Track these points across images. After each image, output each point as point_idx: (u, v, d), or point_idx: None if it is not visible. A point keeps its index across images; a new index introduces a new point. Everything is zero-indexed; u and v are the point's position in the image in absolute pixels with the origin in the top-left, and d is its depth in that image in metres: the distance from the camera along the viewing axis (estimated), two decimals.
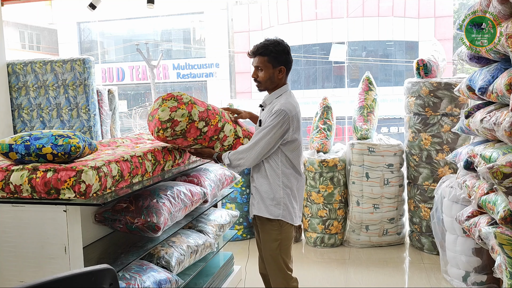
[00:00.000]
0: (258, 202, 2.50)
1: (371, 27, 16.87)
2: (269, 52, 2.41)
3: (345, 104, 7.99)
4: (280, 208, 2.45)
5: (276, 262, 2.49)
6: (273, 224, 2.47)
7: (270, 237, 2.49)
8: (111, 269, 1.13)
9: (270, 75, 2.44)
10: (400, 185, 4.29)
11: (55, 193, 1.95)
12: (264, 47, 2.42)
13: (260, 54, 2.42)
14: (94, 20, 17.28)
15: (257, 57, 2.44)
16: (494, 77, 2.68)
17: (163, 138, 2.47)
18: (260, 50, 2.42)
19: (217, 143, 2.64)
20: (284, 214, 2.46)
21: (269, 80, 2.45)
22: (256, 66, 2.45)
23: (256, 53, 2.44)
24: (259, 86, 2.50)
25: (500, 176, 2.16)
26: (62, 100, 4.54)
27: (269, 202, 2.46)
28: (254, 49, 2.45)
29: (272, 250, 2.48)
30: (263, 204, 2.48)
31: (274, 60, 2.42)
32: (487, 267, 3.21)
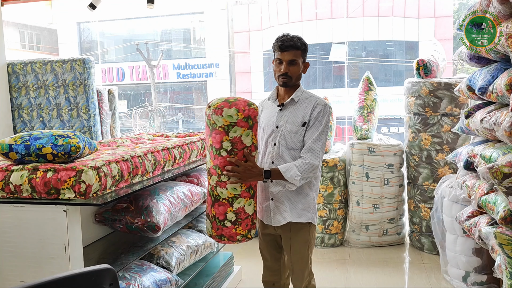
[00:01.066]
0: (290, 209, 2.33)
1: (371, 27, 16.86)
2: (304, 46, 2.33)
3: (345, 104, 8.00)
4: (310, 211, 2.35)
5: (306, 265, 2.41)
6: (304, 228, 2.36)
7: (303, 241, 2.38)
8: (111, 269, 1.13)
9: (300, 70, 2.34)
10: (400, 185, 4.29)
11: (55, 193, 1.95)
12: (299, 40, 2.31)
13: (297, 48, 2.30)
14: (94, 20, 17.28)
15: (293, 50, 2.29)
16: (494, 77, 2.68)
17: (257, 113, 2.21)
18: (298, 44, 2.30)
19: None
20: (313, 216, 2.37)
21: (299, 75, 2.35)
22: (290, 60, 2.29)
23: (294, 46, 2.29)
24: (288, 81, 2.31)
25: (500, 176, 2.16)
26: (62, 100, 4.54)
27: (300, 206, 2.33)
28: (291, 42, 2.29)
29: (303, 253, 2.39)
30: (295, 209, 2.33)
31: (305, 55, 2.35)
32: (487, 267, 3.21)
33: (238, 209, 2.20)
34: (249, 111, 2.15)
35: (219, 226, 2.22)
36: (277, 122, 2.34)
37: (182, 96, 19.45)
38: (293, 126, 2.31)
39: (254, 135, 2.22)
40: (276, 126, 2.34)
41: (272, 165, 2.32)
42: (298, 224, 2.35)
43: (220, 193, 2.20)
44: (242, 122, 2.13)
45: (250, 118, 2.16)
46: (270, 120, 2.37)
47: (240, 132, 2.14)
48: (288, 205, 2.33)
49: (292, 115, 2.33)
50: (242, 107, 2.14)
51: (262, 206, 2.41)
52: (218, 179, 2.19)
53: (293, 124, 2.31)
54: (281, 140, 2.32)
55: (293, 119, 2.32)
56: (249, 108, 2.16)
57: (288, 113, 2.34)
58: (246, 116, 2.14)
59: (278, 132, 2.33)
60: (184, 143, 2.79)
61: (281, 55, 2.29)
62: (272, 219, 2.37)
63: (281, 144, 2.32)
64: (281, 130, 2.32)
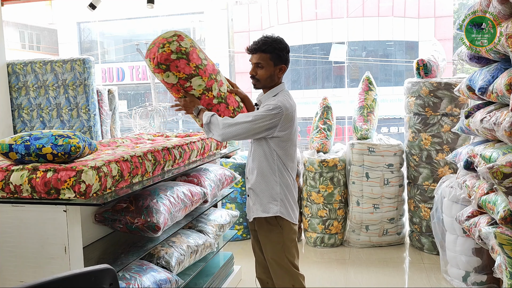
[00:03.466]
0: (255, 203, 2.41)
1: (371, 27, 16.87)
2: (272, 50, 2.32)
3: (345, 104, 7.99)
4: (277, 205, 2.36)
5: (280, 265, 2.39)
6: (271, 224, 2.37)
7: (271, 239, 2.39)
8: (111, 269, 1.13)
9: (270, 73, 2.35)
10: (400, 185, 4.29)
11: (55, 193, 1.95)
12: (267, 43, 2.32)
13: (262, 51, 2.31)
14: (94, 20, 17.28)
15: (258, 53, 2.33)
16: (494, 77, 2.68)
17: (166, 55, 2.23)
18: (263, 47, 2.31)
19: (215, 84, 2.42)
20: (281, 210, 2.36)
21: (269, 78, 2.36)
22: (256, 63, 2.34)
23: (258, 49, 2.32)
24: (256, 84, 2.40)
25: (500, 176, 2.16)
26: (62, 100, 4.54)
27: (265, 200, 2.37)
28: (255, 45, 2.34)
29: (275, 253, 2.38)
30: (260, 203, 2.39)
31: (276, 58, 2.33)
32: (487, 267, 3.21)
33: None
34: (158, 58, 2.23)
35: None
36: None
37: None
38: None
39: (184, 72, 2.27)
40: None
41: (248, 162, 2.50)
42: (263, 220, 2.40)
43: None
44: (157, 70, 2.27)
45: (161, 64, 2.24)
46: None
47: (161, 77, 2.28)
48: (253, 200, 2.43)
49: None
50: (152, 55, 2.26)
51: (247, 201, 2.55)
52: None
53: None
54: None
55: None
56: (157, 55, 2.23)
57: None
58: (156, 64, 2.25)
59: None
60: (184, 143, 2.79)
61: (250, 58, 2.39)
62: (248, 214, 2.52)
63: (254, 143, 2.44)
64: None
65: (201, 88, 2.36)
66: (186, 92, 2.35)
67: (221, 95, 2.45)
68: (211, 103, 2.42)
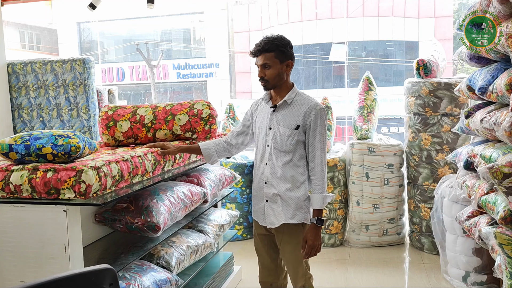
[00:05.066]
0: (283, 209, 2.33)
1: (371, 27, 16.88)
2: (275, 47, 2.27)
3: (345, 104, 8.00)
4: (305, 211, 2.34)
5: (301, 265, 2.40)
6: (298, 229, 2.35)
7: (293, 242, 2.36)
8: (111, 269, 1.13)
9: (278, 71, 2.29)
10: (400, 185, 4.29)
11: (55, 193, 1.95)
12: (268, 42, 2.28)
13: (266, 51, 2.27)
14: (94, 20, 17.29)
15: (262, 54, 2.28)
16: (494, 77, 2.68)
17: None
18: (266, 47, 2.27)
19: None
20: (306, 216, 2.35)
21: (277, 76, 2.30)
22: (262, 64, 2.28)
23: (261, 50, 2.28)
24: (266, 85, 2.32)
25: (500, 176, 2.16)
26: (62, 100, 4.54)
27: (294, 206, 2.32)
28: (258, 47, 2.29)
29: (296, 255, 2.36)
30: (288, 210, 2.33)
31: (281, 55, 2.28)
32: (487, 267, 3.21)
33: None
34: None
35: None
36: (270, 123, 2.35)
37: (182, 96, 19.47)
38: (286, 129, 2.30)
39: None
40: (269, 128, 2.35)
41: (266, 167, 2.36)
42: (291, 225, 2.35)
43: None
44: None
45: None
46: (264, 121, 2.38)
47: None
48: (281, 206, 2.34)
49: (284, 117, 2.32)
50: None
51: (257, 207, 2.44)
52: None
53: (286, 127, 2.30)
54: (273, 142, 2.33)
55: (285, 122, 2.31)
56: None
57: (280, 115, 2.33)
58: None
59: (270, 134, 2.34)
60: (184, 143, 2.79)
61: (256, 61, 2.32)
62: (266, 220, 2.39)
63: (273, 146, 2.33)
64: (273, 132, 2.33)
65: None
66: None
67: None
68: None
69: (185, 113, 2.80)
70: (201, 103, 2.87)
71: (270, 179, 2.35)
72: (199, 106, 2.83)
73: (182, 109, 2.81)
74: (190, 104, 2.85)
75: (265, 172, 2.36)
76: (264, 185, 2.38)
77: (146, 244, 2.39)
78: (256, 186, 2.43)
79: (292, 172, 2.32)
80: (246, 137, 2.53)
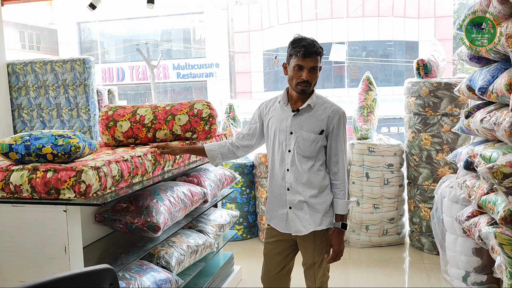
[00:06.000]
0: (311, 216, 2.24)
1: (371, 27, 16.88)
2: (321, 51, 2.19)
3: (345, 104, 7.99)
4: (329, 216, 2.28)
5: (321, 269, 2.34)
6: (323, 233, 2.29)
7: (318, 246, 2.30)
8: (111, 269, 1.13)
9: (318, 76, 2.24)
10: (400, 185, 4.29)
11: (55, 193, 1.95)
12: (318, 45, 2.17)
13: (319, 54, 2.17)
14: (94, 20, 17.30)
15: (315, 57, 2.15)
16: (494, 77, 2.68)
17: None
18: (319, 50, 2.16)
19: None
20: (331, 220, 2.29)
21: (316, 81, 2.23)
22: (313, 67, 2.16)
23: (317, 52, 2.15)
24: (307, 89, 2.19)
25: (500, 176, 2.16)
26: (62, 100, 4.54)
27: (322, 213, 2.25)
28: (314, 49, 2.15)
29: (321, 259, 2.32)
30: (316, 217, 2.25)
31: (321, 60, 2.22)
32: (487, 267, 3.21)
33: None
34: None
35: None
36: (291, 128, 2.23)
37: (182, 96, 19.48)
38: (310, 134, 2.21)
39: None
40: (290, 132, 2.23)
41: (287, 172, 2.24)
42: (319, 231, 2.28)
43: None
44: None
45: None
46: (282, 124, 2.25)
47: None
48: (308, 213, 2.25)
49: (307, 122, 2.22)
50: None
51: (277, 213, 2.32)
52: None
53: (310, 132, 2.21)
54: (296, 147, 2.22)
55: (309, 127, 2.22)
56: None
57: (303, 119, 2.22)
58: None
59: (292, 139, 2.23)
60: (184, 143, 2.79)
61: (303, 62, 2.13)
62: (291, 228, 2.28)
63: (296, 152, 2.22)
64: (295, 137, 2.22)
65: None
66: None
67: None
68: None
69: (185, 113, 2.80)
70: (201, 103, 2.87)
71: (295, 186, 2.24)
72: (199, 106, 2.83)
73: (182, 109, 2.82)
74: (190, 104, 2.86)
75: (287, 178, 2.25)
76: (286, 192, 2.26)
77: (146, 244, 2.39)
78: (276, 192, 2.30)
79: (317, 178, 2.24)
80: (253, 139, 2.41)
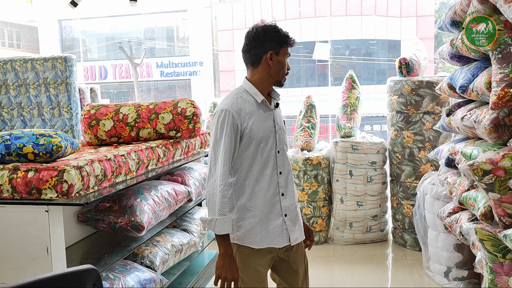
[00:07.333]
0: (300, 224, 2.11)
1: (354, 26, 17.00)
2: None
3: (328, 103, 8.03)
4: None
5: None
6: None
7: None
8: (95, 270, 1.12)
9: None
10: (383, 183, 4.33)
11: (36, 193, 1.92)
12: None
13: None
14: (75, 17, 17.04)
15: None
16: (474, 75, 2.72)
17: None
18: None
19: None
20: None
21: None
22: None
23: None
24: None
25: (481, 173, 2.20)
26: (43, 99, 4.47)
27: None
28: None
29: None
30: (300, 217, 2.15)
31: None
32: (468, 262, 3.27)
33: None
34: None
35: None
36: (275, 126, 2.03)
37: (166, 94, 19.35)
38: (284, 127, 2.09)
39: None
40: (275, 131, 2.02)
41: (281, 176, 2.03)
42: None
43: None
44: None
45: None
46: (267, 124, 2.00)
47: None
48: (299, 216, 2.11)
49: (279, 115, 2.07)
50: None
51: (272, 226, 2.00)
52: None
53: (283, 125, 2.09)
54: (281, 146, 2.05)
55: (281, 119, 2.08)
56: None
57: (276, 114, 2.05)
58: None
59: (277, 137, 2.03)
60: (168, 142, 2.78)
61: (287, 52, 2.03)
62: (291, 237, 2.02)
63: (283, 151, 2.06)
64: (279, 134, 2.04)
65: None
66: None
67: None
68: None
69: (169, 111, 2.78)
70: (185, 101, 2.85)
71: (286, 189, 2.05)
72: (183, 105, 2.82)
73: (166, 107, 2.80)
74: (174, 103, 2.84)
75: (281, 182, 2.03)
76: (281, 198, 2.02)
77: (130, 244, 2.37)
78: (269, 202, 1.99)
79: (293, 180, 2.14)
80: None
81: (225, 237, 1.90)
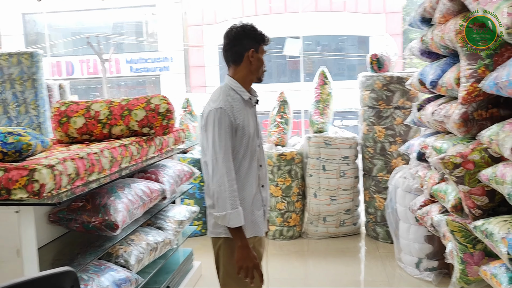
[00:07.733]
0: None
1: (324, 21, 17.14)
2: None
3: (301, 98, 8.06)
4: None
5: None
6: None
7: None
8: (72, 271, 1.10)
9: None
10: (356, 177, 4.39)
11: (6, 194, 1.86)
12: None
13: None
14: (40, 11, 16.52)
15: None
16: (443, 71, 2.79)
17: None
18: None
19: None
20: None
21: None
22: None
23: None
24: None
25: (451, 166, 2.25)
26: (8, 96, 4.32)
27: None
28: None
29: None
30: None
31: None
32: (438, 253, 3.36)
33: None
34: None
35: None
36: (256, 121, 2.14)
37: (136, 90, 19.04)
38: (259, 121, 2.20)
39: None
40: (256, 125, 2.14)
41: (261, 169, 2.14)
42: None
43: None
44: None
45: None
46: (251, 119, 2.10)
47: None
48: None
49: (255, 110, 2.18)
50: None
51: (255, 216, 2.11)
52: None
53: (257, 119, 2.19)
54: (260, 139, 2.16)
55: (256, 114, 2.18)
56: None
57: (255, 109, 2.17)
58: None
59: (258, 132, 2.15)
60: (141, 139, 2.74)
61: (264, 50, 2.10)
62: (266, 225, 2.22)
63: (262, 144, 2.19)
64: (258, 129, 2.16)
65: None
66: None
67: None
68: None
69: (141, 108, 2.73)
70: (158, 97, 2.81)
71: (266, 181, 2.19)
72: (156, 101, 2.78)
73: (139, 104, 2.75)
74: (146, 99, 2.79)
75: (262, 174, 2.15)
76: (261, 189, 2.15)
77: (104, 243, 2.33)
78: (253, 193, 2.09)
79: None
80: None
81: (240, 229, 1.97)
